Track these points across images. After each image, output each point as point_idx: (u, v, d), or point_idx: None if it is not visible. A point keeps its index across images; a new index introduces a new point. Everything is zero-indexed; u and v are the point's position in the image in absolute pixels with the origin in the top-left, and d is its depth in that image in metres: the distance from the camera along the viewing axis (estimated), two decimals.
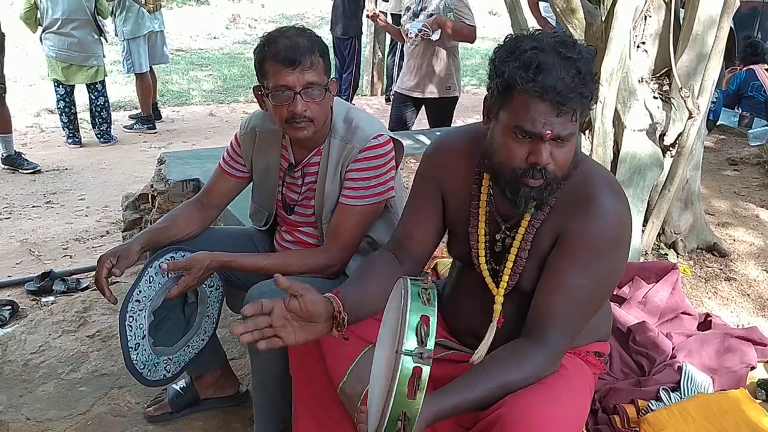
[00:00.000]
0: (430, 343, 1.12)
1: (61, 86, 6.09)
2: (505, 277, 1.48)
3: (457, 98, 4.44)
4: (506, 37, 1.38)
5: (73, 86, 6.19)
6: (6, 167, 5.61)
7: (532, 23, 4.15)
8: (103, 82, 6.30)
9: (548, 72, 1.27)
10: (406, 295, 1.17)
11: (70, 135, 6.33)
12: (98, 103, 6.31)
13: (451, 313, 1.66)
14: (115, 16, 6.36)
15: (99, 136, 6.44)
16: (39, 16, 5.98)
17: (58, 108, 6.24)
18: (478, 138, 1.50)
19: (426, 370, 1.11)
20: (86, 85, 6.23)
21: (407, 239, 1.64)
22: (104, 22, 6.23)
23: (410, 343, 1.12)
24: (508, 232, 1.49)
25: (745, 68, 5.71)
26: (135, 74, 6.55)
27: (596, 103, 1.35)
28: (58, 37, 5.94)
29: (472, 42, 4.31)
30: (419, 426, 1.21)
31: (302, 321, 1.40)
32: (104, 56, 6.36)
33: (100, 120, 6.40)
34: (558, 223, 1.43)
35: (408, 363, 1.11)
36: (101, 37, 6.19)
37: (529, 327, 1.43)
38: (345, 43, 7.27)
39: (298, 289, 1.38)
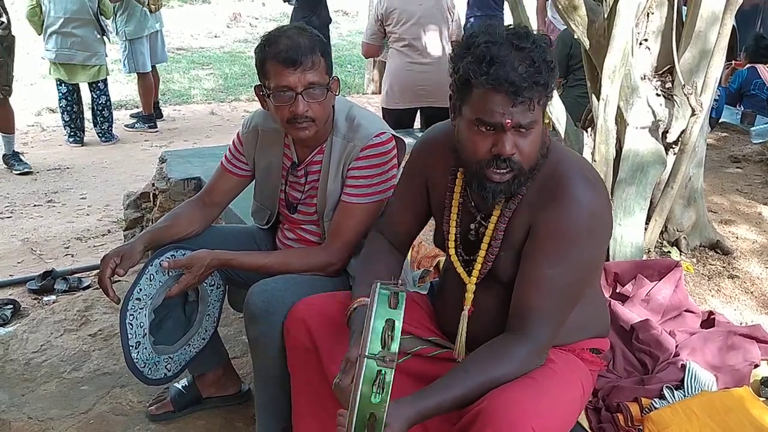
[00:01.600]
0: (394, 346, 1.14)
1: (63, 85, 6.09)
2: (477, 266, 1.49)
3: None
4: (464, 33, 1.40)
5: (76, 85, 6.19)
6: (4, 166, 5.63)
7: (533, 22, 4.14)
8: (105, 81, 6.30)
9: (501, 64, 1.29)
10: (372, 300, 1.18)
11: (72, 134, 6.33)
12: (100, 102, 6.31)
13: (439, 308, 1.68)
14: (116, 15, 6.36)
15: (100, 135, 6.44)
16: (42, 15, 5.99)
17: (60, 107, 6.25)
18: None
19: (389, 372, 1.13)
20: (88, 84, 6.23)
21: (394, 222, 1.70)
22: (107, 21, 6.23)
23: (374, 346, 1.14)
24: (482, 222, 1.51)
25: (747, 66, 5.68)
26: (137, 74, 6.55)
27: (551, 90, 1.38)
28: (60, 38, 5.93)
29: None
30: (403, 427, 1.24)
31: None
32: (106, 55, 6.36)
33: (101, 119, 6.39)
34: (530, 213, 1.44)
35: (372, 366, 1.13)
36: (104, 37, 6.19)
37: (511, 321, 1.44)
38: None
39: None
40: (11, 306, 3.19)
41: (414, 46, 4.12)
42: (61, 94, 6.14)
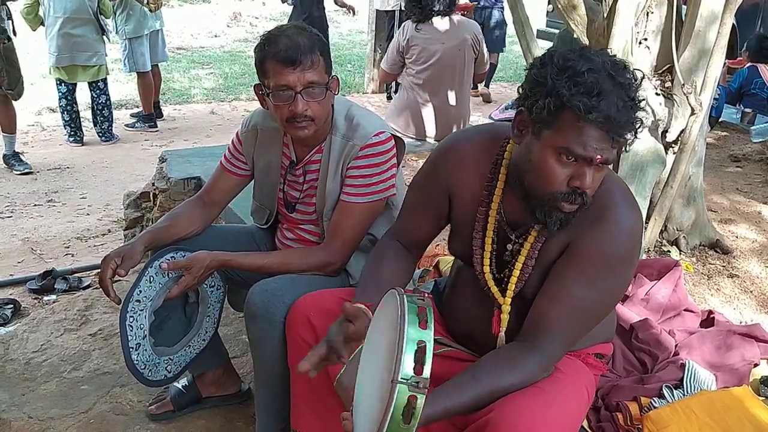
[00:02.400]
0: (426, 371, 1.10)
1: (63, 84, 6.09)
2: (512, 286, 1.45)
3: None
4: (549, 52, 1.34)
5: (75, 84, 6.19)
6: (4, 166, 5.62)
7: (533, 21, 4.14)
8: (105, 81, 6.30)
9: (609, 100, 1.23)
10: (403, 316, 1.13)
11: (72, 133, 6.33)
12: (100, 102, 6.31)
13: (450, 316, 1.65)
14: (116, 14, 6.36)
15: (101, 134, 6.44)
16: (42, 13, 5.98)
17: (60, 106, 6.24)
18: (496, 141, 1.49)
19: (421, 399, 1.10)
20: (88, 83, 6.23)
21: (411, 230, 1.66)
22: (106, 21, 6.23)
23: (406, 371, 1.09)
24: (517, 240, 1.46)
25: (748, 65, 5.67)
26: (137, 73, 6.55)
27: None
28: (60, 40, 5.92)
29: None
30: None
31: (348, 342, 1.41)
32: (106, 55, 6.36)
33: (101, 118, 6.39)
34: (569, 233, 1.39)
35: (403, 392, 1.09)
36: (103, 36, 6.19)
37: (525, 331, 1.42)
38: None
39: (352, 315, 1.39)
40: (11, 305, 3.19)
41: (426, 86, 4.04)
42: (60, 94, 6.14)
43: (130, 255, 1.83)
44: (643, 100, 1.31)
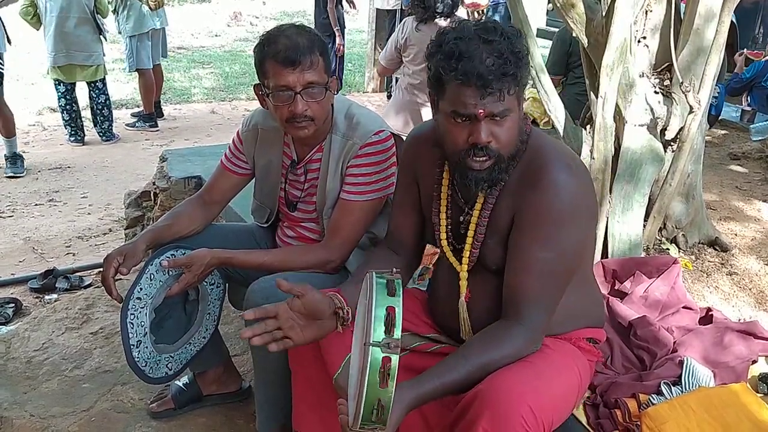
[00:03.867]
0: (397, 332, 1.16)
1: (61, 84, 6.10)
2: (466, 253, 1.53)
3: None
4: (437, 32, 1.44)
5: (74, 84, 6.20)
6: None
7: (533, 20, 4.14)
8: (103, 80, 6.30)
9: (469, 59, 1.34)
10: (371, 288, 1.20)
11: (72, 133, 6.33)
12: (99, 101, 6.32)
13: (433, 305, 1.70)
14: (117, 13, 6.37)
15: (101, 134, 6.45)
16: (40, 13, 5.99)
17: (59, 106, 6.25)
18: None
19: (395, 358, 1.15)
20: (87, 83, 6.24)
21: (397, 230, 1.72)
22: (103, 20, 6.23)
23: (377, 334, 1.15)
24: (470, 212, 1.54)
25: (765, 59, 5.65)
26: (138, 71, 6.55)
27: (523, 80, 1.43)
28: (56, 38, 5.92)
29: None
30: (401, 411, 1.27)
31: (308, 320, 1.46)
32: (104, 54, 6.36)
33: (101, 118, 6.40)
34: (513, 200, 1.48)
35: (377, 353, 1.14)
36: (101, 36, 6.20)
37: (505, 308, 1.48)
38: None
39: (299, 290, 1.45)
40: (13, 304, 3.21)
41: (420, 88, 4.03)
42: (60, 94, 6.15)
43: (132, 254, 1.85)
44: (521, 52, 1.39)
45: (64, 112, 6.24)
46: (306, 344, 1.48)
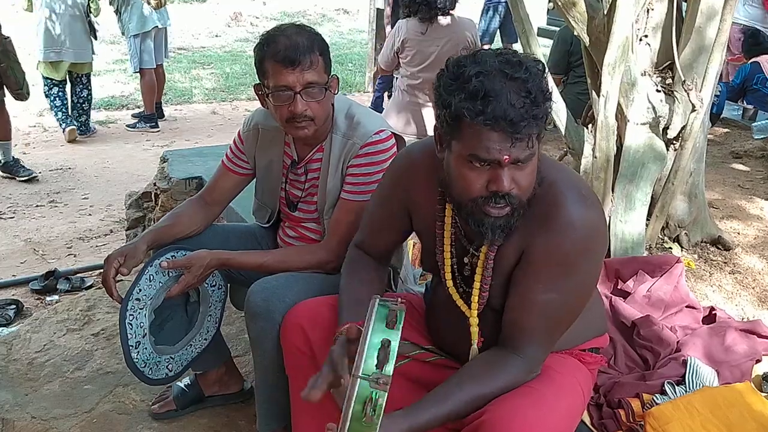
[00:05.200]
0: (388, 369, 1.10)
1: (49, 80, 6.13)
2: (475, 299, 1.43)
3: None
4: (448, 61, 1.31)
5: (64, 79, 6.23)
6: (4, 175, 5.54)
7: (534, 19, 4.13)
8: (88, 76, 6.32)
9: (497, 100, 1.20)
10: (370, 317, 1.14)
11: (63, 119, 6.31)
12: (81, 96, 6.36)
13: (432, 327, 1.65)
14: (120, 13, 6.38)
15: (78, 127, 6.48)
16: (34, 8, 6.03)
17: (50, 94, 6.21)
18: None
19: (383, 396, 1.09)
20: (71, 77, 6.25)
21: (374, 243, 1.66)
22: (96, 20, 6.22)
23: (368, 366, 1.10)
24: (475, 253, 1.44)
25: (751, 61, 5.66)
26: (140, 70, 6.55)
27: (547, 120, 1.30)
28: (48, 35, 5.95)
29: None
30: None
31: None
32: (94, 53, 6.37)
33: (80, 112, 6.44)
34: (522, 238, 1.36)
35: (365, 388, 1.09)
36: (92, 35, 6.19)
37: (502, 339, 1.41)
38: None
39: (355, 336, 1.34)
40: (14, 306, 3.21)
41: (425, 85, 4.01)
42: (47, 88, 6.16)
43: (132, 254, 1.84)
44: (547, 91, 1.27)
45: (56, 98, 6.21)
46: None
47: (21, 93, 5.24)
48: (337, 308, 1.55)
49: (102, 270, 1.88)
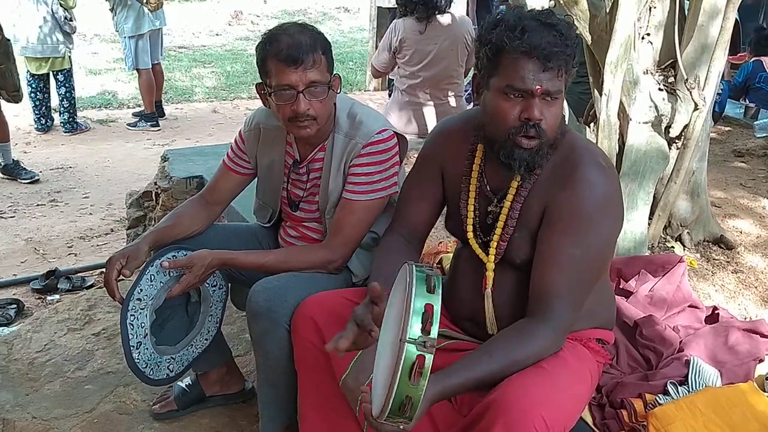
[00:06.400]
0: (434, 332, 1.14)
1: (27, 72, 6.16)
2: (494, 245, 1.52)
3: None
4: (488, 16, 1.46)
5: (46, 73, 6.24)
6: (5, 177, 5.53)
7: None
8: (65, 73, 6.32)
9: (533, 32, 1.36)
10: (411, 282, 1.18)
11: (36, 119, 6.37)
12: (60, 93, 6.37)
13: (451, 298, 1.68)
14: (116, 13, 6.37)
15: (61, 124, 6.49)
16: None
17: (30, 95, 6.23)
18: (474, 121, 1.56)
19: (429, 358, 1.13)
20: (52, 73, 6.26)
21: (412, 222, 1.71)
22: (67, 14, 6.18)
23: (414, 331, 1.13)
24: (498, 203, 1.54)
25: (753, 59, 5.65)
26: (137, 71, 6.55)
27: (574, 64, 1.46)
28: (24, 29, 5.97)
29: None
30: (424, 405, 1.24)
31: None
32: (71, 46, 6.35)
33: (62, 109, 6.46)
34: (544, 195, 1.48)
35: (411, 351, 1.13)
36: (65, 28, 6.17)
37: (531, 304, 1.46)
38: None
39: (378, 297, 1.39)
40: (15, 305, 3.21)
41: (424, 85, 4.02)
42: (27, 81, 6.17)
43: (134, 255, 1.84)
44: (576, 38, 1.42)
45: (29, 99, 6.23)
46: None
47: (17, 95, 5.24)
48: (353, 296, 1.60)
49: (103, 269, 1.88)
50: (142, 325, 1.82)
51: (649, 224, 2.58)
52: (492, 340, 1.45)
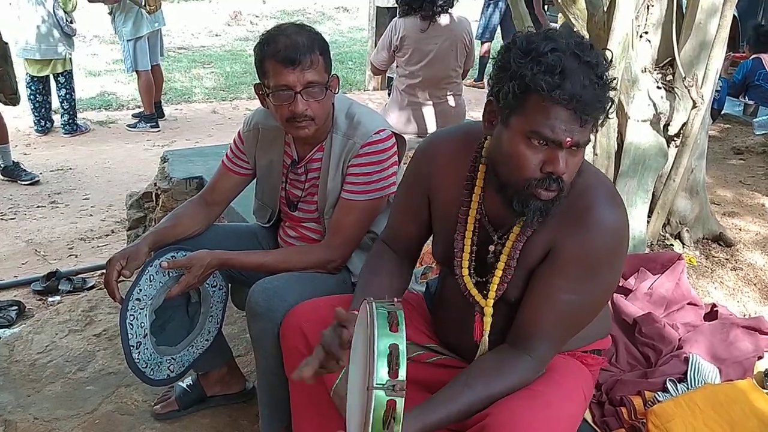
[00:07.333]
0: (402, 373, 1.09)
1: (27, 74, 6.15)
2: (494, 287, 1.41)
3: None
4: (514, 37, 1.28)
5: (46, 75, 6.24)
6: (5, 179, 5.51)
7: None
8: (66, 75, 6.32)
9: (574, 78, 1.19)
10: (372, 323, 1.12)
11: (35, 122, 6.34)
12: (60, 94, 6.36)
13: (438, 324, 1.63)
14: (115, 16, 6.37)
15: (62, 126, 6.48)
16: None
17: (27, 94, 6.23)
18: (472, 140, 1.45)
19: (400, 402, 1.08)
20: (52, 75, 6.27)
21: (398, 234, 1.63)
22: (66, 16, 6.17)
23: (381, 375, 1.09)
24: (500, 242, 1.41)
25: (752, 57, 5.65)
26: (136, 72, 6.55)
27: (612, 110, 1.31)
28: (24, 31, 5.96)
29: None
30: None
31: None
32: (71, 48, 6.36)
33: (62, 111, 6.45)
34: (551, 234, 1.35)
35: (381, 397, 1.08)
36: (64, 30, 6.17)
37: (516, 335, 1.40)
38: None
39: (345, 320, 1.34)
40: (16, 307, 3.21)
41: (424, 84, 4.01)
42: (26, 83, 6.17)
43: (135, 256, 1.84)
44: (614, 79, 1.27)
45: (29, 101, 6.23)
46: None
47: (14, 98, 5.23)
48: (342, 304, 1.51)
49: (103, 271, 1.88)
50: (142, 325, 1.83)
51: (648, 222, 2.59)
52: (470, 370, 1.37)
